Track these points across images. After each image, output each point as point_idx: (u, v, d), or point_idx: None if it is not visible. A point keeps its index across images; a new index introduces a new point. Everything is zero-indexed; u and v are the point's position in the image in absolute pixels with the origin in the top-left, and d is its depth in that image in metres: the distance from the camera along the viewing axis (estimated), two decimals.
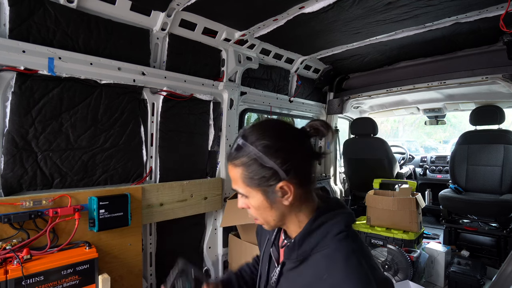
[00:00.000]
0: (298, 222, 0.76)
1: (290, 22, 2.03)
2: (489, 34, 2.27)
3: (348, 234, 0.71)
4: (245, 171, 0.71)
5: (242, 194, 0.75)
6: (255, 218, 0.78)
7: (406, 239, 2.60)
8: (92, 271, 1.43)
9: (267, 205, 0.73)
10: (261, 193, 0.72)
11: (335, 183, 3.98)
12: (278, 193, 0.71)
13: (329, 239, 0.70)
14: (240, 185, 0.74)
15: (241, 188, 0.74)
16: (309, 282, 0.69)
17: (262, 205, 0.73)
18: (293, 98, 3.07)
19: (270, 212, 0.74)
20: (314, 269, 0.69)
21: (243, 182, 0.73)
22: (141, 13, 1.77)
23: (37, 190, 1.53)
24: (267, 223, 0.77)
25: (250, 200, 0.74)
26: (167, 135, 2.04)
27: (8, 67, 1.38)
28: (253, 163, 0.70)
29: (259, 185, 0.71)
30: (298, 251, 0.73)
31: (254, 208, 0.75)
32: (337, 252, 0.67)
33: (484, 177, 3.12)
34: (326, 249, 0.69)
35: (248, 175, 0.71)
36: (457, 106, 3.76)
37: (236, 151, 0.73)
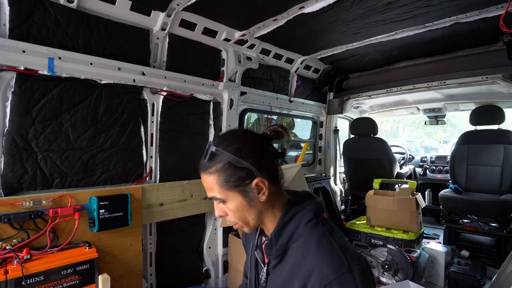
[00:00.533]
0: (274, 218, 0.81)
1: (290, 22, 2.03)
2: (489, 34, 2.27)
3: (318, 220, 0.77)
4: (221, 176, 0.76)
5: (220, 200, 0.79)
6: (234, 224, 0.82)
7: (406, 239, 2.60)
8: (92, 271, 1.43)
9: (246, 204, 0.78)
10: (239, 194, 0.77)
11: (335, 183, 3.99)
12: (254, 191, 0.77)
13: (302, 228, 0.76)
14: (217, 191, 0.78)
15: (218, 194, 0.78)
16: (290, 272, 0.74)
17: (241, 206, 0.78)
18: (293, 98, 3.07)
19: (249, 211, 0.79)
20: (293, 259, 0.75)
21: (220, 187, 0.77)
22: (141, 13, 1.77)
23: (37, 190, 1.53)
24: (247, 224, 0.81)
25: (228, 204, 0.78)
26: (167, 135, 2.04)
27: (8, 67, 1.38)
28: (228, 167, 0.76)
29: (237, 186, 0.76)
30: (276, 246, 0.78)
31: (233, 211, 0.79)
32: (310, 239, 0.74)
33: (484, 177, 3.12)
34: (300, 238, 0.76)
35: (224, 179, 0.76)
36: (457, 106, 3.76)
37: (209, 160, 0.78)
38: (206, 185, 0.80)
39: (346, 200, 3.96)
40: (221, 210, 0.82)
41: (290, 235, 0.77)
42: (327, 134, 3.76)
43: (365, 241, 2.84)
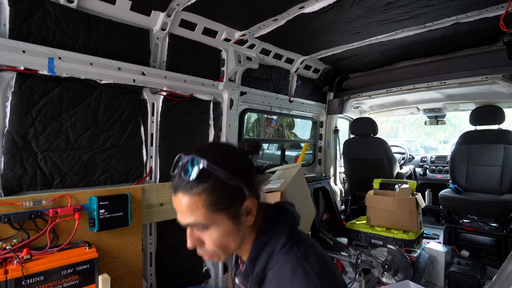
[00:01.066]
0: (250, 242, 0.74)
1: (290, 22, 2.03)
2: (489, 34, 2.27)
3: (292, 244, 0.70)
4: (209, 197, 0.65)
5: (200, 226, 0.67)
6: (206, 254, 0.71)
7: (406, 239, 2.60)
8: (92, 271, 1.43)
9: (233, 229, 0.69)
10: (227, 218, 0.67)
11: (335, 183, 3.99)
12: (244, 213, 0.69)
13: (276, 255, 0.70)
14: (201, 214, 0.66)
15: (203, 218, 0.66)
16: None
17: (227, 231, 0.68)
18: (293, 98, 3.07)
19: (234, 237, 0.70)
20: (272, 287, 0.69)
21: (206, 210, 0.65)
22: (141, 13, 1.77)
23: (37, 190, 1.53)
24: (225, 252, 0.71)
25: (212, 230, 0.67)
26: (167, 135, 2.04)
27: (8, 67, 1.39)
28: (219, 186, 0.65)
29: (226, 208, 0.66)
30: (252, 275, 0.71)
31: (215, 238, 0.68)
32: (285, 267, 0.68)
33: (484, 177, 3.12)
34: (275, 265, 0.69)
35: (213, 201, 0.65)
36: (457, 106, 3.76)
37: (197, 178, 0.64)
38: (184, 208, 0.66)
39: (346, 200, 3.96)
40: (195, 239, 0.69)
41: (266, 262, 0.70)
42: (327, 134, 3.76)
43: (365, 241, 2.84)
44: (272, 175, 2.39)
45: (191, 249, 0.70)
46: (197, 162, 0.65)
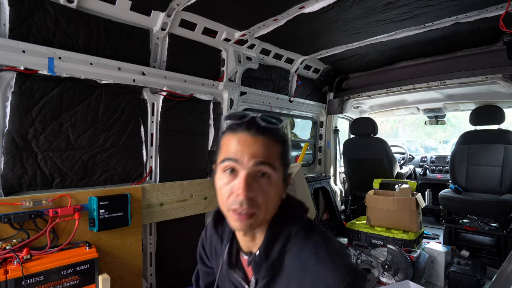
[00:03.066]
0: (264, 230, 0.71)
1: (290, 22, 2.03)
2: (489, 34, 2.27)
3: (307, 229, 0.69)
4: (282, 149, 0.68)
5: (272, 171, 0.65)
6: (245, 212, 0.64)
7: (406, 239, 2.60)
8: (92, 271, 1.43)
9: (280, 191, 0.69)
10: (281, 178, 0.68)
11: (335, 183, 3.99)
12: (286, 182, 0.70)
13: (292, 240, 0.68)
14: (275, 161, 0.66)
15: (277, 163, 0.66)
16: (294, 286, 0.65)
17: (277, 190, 0.67)
18: (293, 98, 3.07)
19: (276, 203, 0.68)
20: (289, 275, 0.66)
21: (278, 158, 0.66)
22: (141, 13, 1.77)
23: (37, 190, 1.53)
24: (264, 217, 0.67)
25: (270, 182, 0.65)
26: (167, 135, 2.04)
27: (8, 67, 1.39)
28: (288, 146, 0.70)
29: (285, 167, 0.69)
30: (267, 262, 0.68)
31: (270, 193, 0.66)
32: (304, 251, 0.65)
33: (484, 177, 3.12)
34: (292, 250, 0.67)
35: (284, 153, 0.68)
36: (457, 106, 3.76)
37: (277, 128, 0.68)
38: (261, 149, 0.64)
39: (346, 200, 3.96)
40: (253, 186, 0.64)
41: (282, 248, 0.67)
42: (327, 134, 3.76)
43: (365, 241, 2.84)
44: None
45: (245, 197, 0.63)
46: (281, 120, 0.69)
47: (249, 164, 0.64)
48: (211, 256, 0.87)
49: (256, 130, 0.66)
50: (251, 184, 0.63)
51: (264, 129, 0.66)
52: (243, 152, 0.64)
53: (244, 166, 0.64)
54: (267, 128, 0.66)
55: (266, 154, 0.64)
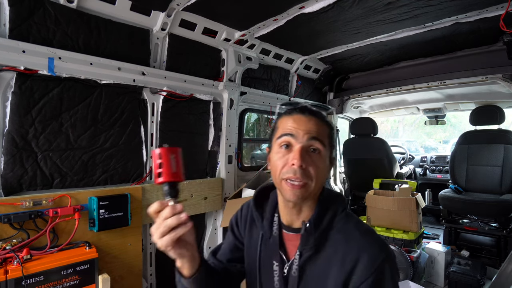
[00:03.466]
0: (314, 201, 0.79)
1: (290, 22, 2.03)
2: (489, 34, 2.27)
3: (346, 210, 0.80)
4: (330, 131, 0.79)
5: (321, 146, 0.75)
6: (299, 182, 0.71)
7: (406, 239, 2.60)
8: (92, 271, 1.43)
9: (327, 168, 0.78)
10: (328, 155, 0.78)
11: (335, 183, 3.98)
12: (332, 162, 0.80)
13: (338, 216, 0.77)
14: (325, 139, 0.76)
15: (326, 141, 0.76)
16: (329, 260, 0.73)
17: (325, 166, 0.77)
18: (293, 98, 3.07)
19: (323, 177, 0.77)
20: (333, 247, 0.74)
21: (327, 137, 0.77)
22: (141, 13, 1.77)
23: (37, 190, 1.53)
24: (314, 187, 0.74)
25: (320, 157, 0.75)
26: (167, 135, 2.04)
27: (8, 67, 1.39)
28: (332, 128, 0.81)
29: (330, 148, 0.79)
30: (315, 235, 0.74)
31: (320, 167, 0.74)
32: (347, 226, 0.76)
33: (484, 177, 3.12)
34: (337, 226, 0.76)
35: (330, 135, 0.79)
36: (457, 106, 3.76)
37: (328, 114, 0.82)
38: (315, 127, 0.75)
39: (346, 200, 3.96)
40: (306, 158, 0.72)
41: (330, 221, 0.76)
42: None
43: None
44: None
45: (299, 167, 0.72)
46: (331, 108, 0.85)
47: (304, 139, 0.74)
48: (244, 232, 0.92)
49: (309, 112, 0.77)
50: (304, 156, 0.72)
51: (315, 112, 0.78)
52: (298, 129, 0.75)
53: (299, 140, 0.74)
54: (317, 112, 0.78)
55: (317, 131, 0.75)
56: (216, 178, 2.35)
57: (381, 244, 0.73)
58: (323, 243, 0.74)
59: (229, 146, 2.41)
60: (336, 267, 0.71)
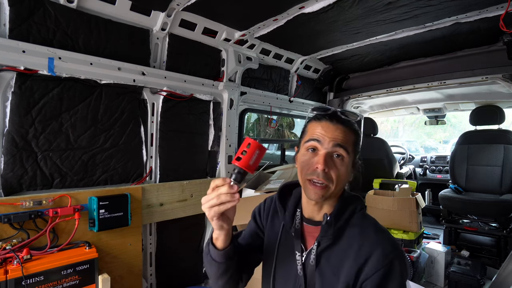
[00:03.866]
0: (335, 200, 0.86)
1: (290, 22, 2.03)
2: (489, 34, 2.26)
3: (364, 210, 0.86)
4: (356, 138, 0.84)
5: (346, 154, 0.80)
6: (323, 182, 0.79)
7: (406, 239, 2.60)
8: (92, 271, 1.43)
9: (349, 173, 0.83)
10: (351, 161, 0.83)
11: None
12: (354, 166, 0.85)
13: (357, 213, 0.84)
14: (349, 146, 0.81)
15: (350, 149, 0.81)
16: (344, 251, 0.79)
17: (347, 171, 0.82)
18: (293, 98, 3.07)
19: (346, 181, 0.83)
20: (349, 240, 0.80)
21: (352, 145, 0.82)
22: (141, 13, 1.77)
23: (37, 190, 1.53)
24: (335, 190, 0.81)
25: (344, 163, 0.81)
26: (167, 135, 2.04)
27: (8, 67, 1.39)
28: (359, 136, 0.85)
29: (354, 154, 0.84)
30: (333, 228, 0.81)
31: (342, 172, 0.80)
32: (365, 222, 0.83)
33: (484, 177, 3.12)
34: (356, 221, 0.83)
35: (355, 142, 0.84)
36: (457, 106, 3.76)
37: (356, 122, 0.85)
38: (341, 135, 0.81)
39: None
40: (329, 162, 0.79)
41: (349, 217, 0.83)
42: None
43: None
44: (272, 175, 2.39)
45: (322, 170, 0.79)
46: (359, 115, 0.86)
47: (329, 145, 0.80)
48: (266, 222, 1.00)
49: (337, 120, 0.83)
50: (328, 161, 0.79)
51: (343, 121, 0.83)
52: (325, 136, 0.81)
53: (325, 146, 0.80)
54: (345, 120, 0.83)
55: (343, 139, 0.81)
56: (216, 178, 2.35)
57: (394, 243, 0.79)
58: (340, 236, 0.81)
59: (229, 146, 2.42)
60: (350, 259, 0.77)
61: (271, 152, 8.33)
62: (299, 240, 0.86)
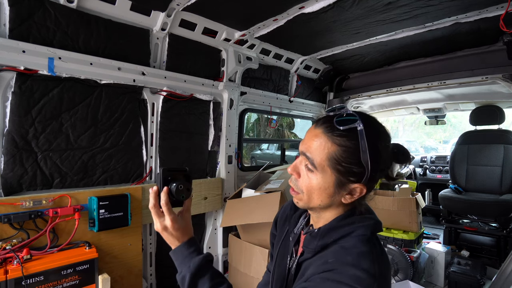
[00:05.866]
0: (332, 216, 0.74)
1: (290, 22, 2.03)
2: (489, 34, 2.26)
3: (371, 238, 0.69)
4: (339, 153, 0.66)
5: (312, 167, 0.68)
6: (294, 190, 0.73)
7: (406, 239, 2.61)
8: (92, 271, 1.43)
9: (329, 191, 0.69)
10: (333, 178, 0.68)
11: None
12: (346, 190, 0.69)
13: (352, 237, 0.68)
14: (320, 160, 0.67)
15: (318, 163, 0.67)
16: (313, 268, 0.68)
17: (323, 188, 0.69)
18: (293, 98, 3.07)
19: (323, 197, 0.70)
20: (325, 258, 0.68)
21: (326, 159, 0.66)
22: (141, 13, 1.77)
23: (37, 190, 1.53)
24: (308, 201, 0.72)
25: (314, 176, 0.68)
26: (167, 135, 2.04)
27: (8, 67, 1.39)
28: (353, 152, 0.65)
29: (340, 173, 0.67)
30: (318, 242, 0.71)
31: (311, 184, 0.69)
32: (354, 249, 0.65)
33: (484, 177, 3.12)
34: (345, 244, 0.68)
35: (339, 158, 0.66)
36: (457, 106, 3.75)
37: (347, 130, 0.65)
38: (313, 142, 0.68)
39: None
40: (297, 169, 0.72)
41: (338, 238, 0.69)
42: None
43: None
44: (272, 175, 2.39)
45: (289, 173, 0.73)
46: (356, 121, 0.65)
47: (300, 152, 0.72)
48: (280, 223, 0.96)
49: (322, 123, 0.70)
50: (298, 168, 0.72)
51: (327, 125, 0.68)
52: (303, 141, 0.73)
53: (300, 152, 0.72)
54: (330, 128, 0.68)
55: (313, 150, 0.68)
56: (216, 178, 2.35)
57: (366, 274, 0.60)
58: (320, 253, 0.71)
59: (229, 146, 2.42)
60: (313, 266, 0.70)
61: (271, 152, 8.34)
62: (292, 245, 0.83)
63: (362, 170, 0.66)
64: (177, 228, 0.81)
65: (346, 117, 0.67)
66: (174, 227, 0.81)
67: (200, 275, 0.75)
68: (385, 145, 0.70)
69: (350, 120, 0.66)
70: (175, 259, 0.81)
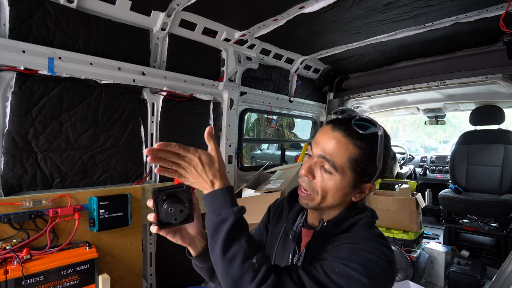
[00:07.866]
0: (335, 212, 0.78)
1: (290, 22, 2.03)
2: (489, 34, 2.26)
3: (372, 224, 0.77)
4: (359, 155, 0.70)
5: (331, 169, 0.70)
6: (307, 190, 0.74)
7: (406, 239, 2.60)
8: (92, 271, 1.43)
9: (345, 191, 0.73)
10: (351, 180, 0.72)
11: None
12: (359, 189, 0.75)
13: (359, 225, 0.74)
14: (340, 162, 0.70)
15: (339, 165, 0.70)
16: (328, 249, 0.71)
17: (340, 188, 0.72)
18: (293, 98, 3.07)
19: (338, 197, 0.74)
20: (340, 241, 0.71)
21: (347, 161, 0.70)
22: (141, 13, 1.77)
23: (37, 190, 1.53)
24: (322, 201, 0.74)
25: (333, 177, 0.71)
26: (167, 135, 2.04)
27: (8, 67, 1.39)
28: (369, 154, 0.70)
29: (358, 174, 0.71)
30: (331, 230, 0.75)
31: (327, 185, 0.72)
32: (365, 232, 0.72)
33: (484, 177, 3.12)
34: (355, 229, 0.74)
35: (358, 160, 0.70)
36: (457, 106, 3.75)
37: (366, 134, 0.69)
38: (333, 145, 0.70)
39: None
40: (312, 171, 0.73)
41: (348, 226, 0.74)
42: None
43: None
44: (272, 175, 2.39)
45: (303, 175, 0.74)
46: (377, 127, 0.71)
47: (317, 155, 0.73)
48: (272, 218, 0.97)
49: (339, 128, 0.72)
50: (313, 170, 0.73)
51: (347, 129, 0.71)
52: (318, 143, 0.74)
53: (314, 154, 0.74)
54: (348, 131, 0.70)
55: (332, 152, 0.71)
56: None
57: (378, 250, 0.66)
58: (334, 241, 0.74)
59: (229, 146, 2.42)
60: None
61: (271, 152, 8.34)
62: (294, 243, 0.84)
63: (374, 170, 0.72)
64: None
65: (363, 122, 0.71)
66: None
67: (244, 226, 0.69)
68: (390, 147, 0.77)
69: (367, 125, 0.71)
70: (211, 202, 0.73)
